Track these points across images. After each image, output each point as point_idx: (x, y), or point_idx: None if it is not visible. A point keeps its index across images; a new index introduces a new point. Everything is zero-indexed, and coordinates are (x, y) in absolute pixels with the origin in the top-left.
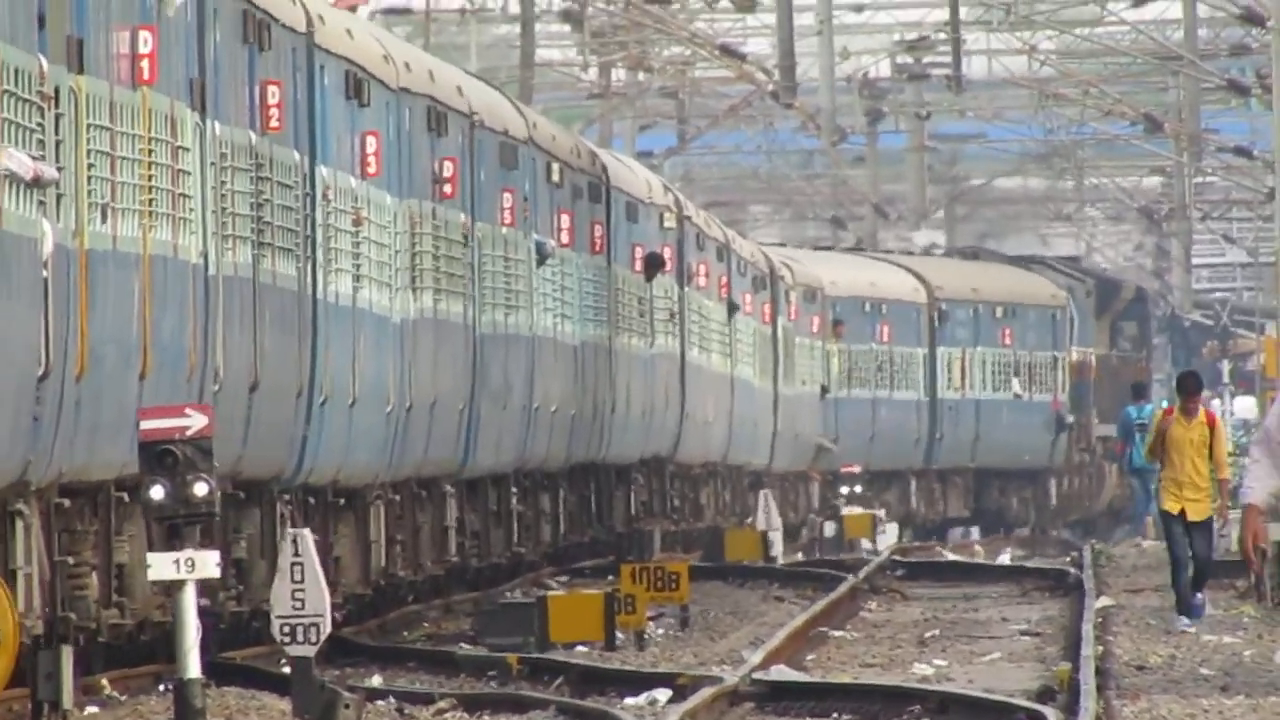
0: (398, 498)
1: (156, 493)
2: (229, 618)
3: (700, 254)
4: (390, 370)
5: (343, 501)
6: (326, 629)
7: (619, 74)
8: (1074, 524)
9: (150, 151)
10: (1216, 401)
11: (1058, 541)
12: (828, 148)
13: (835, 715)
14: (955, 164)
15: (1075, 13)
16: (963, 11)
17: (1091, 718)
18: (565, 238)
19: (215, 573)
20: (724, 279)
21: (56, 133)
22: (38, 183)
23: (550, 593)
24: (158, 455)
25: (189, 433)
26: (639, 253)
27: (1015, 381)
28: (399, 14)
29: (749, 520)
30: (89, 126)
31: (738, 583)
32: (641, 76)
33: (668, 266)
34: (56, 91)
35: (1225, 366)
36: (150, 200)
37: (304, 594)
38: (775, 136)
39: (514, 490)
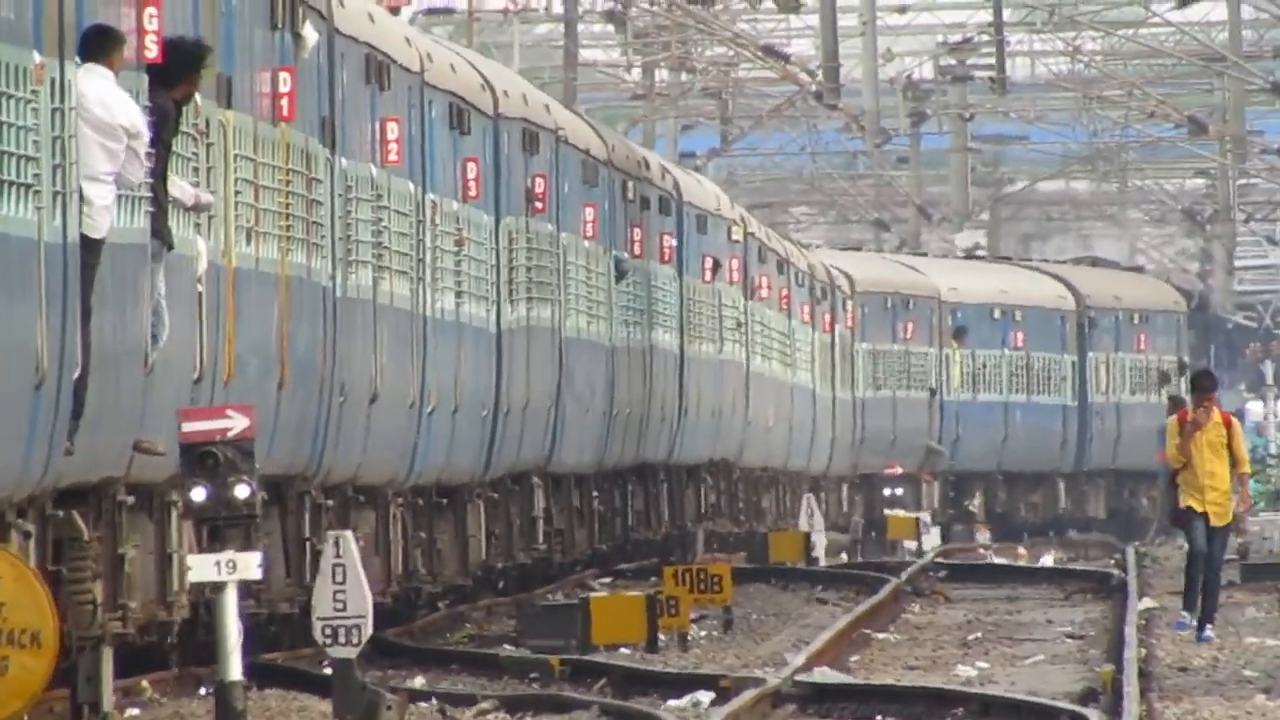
0: (495, 495)
1: (198, 495)
2: None
3: (762, 266)
4: (488, 378)
5: (444, 500)
6: (368, 630)
7: (662, 75)
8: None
9: (288, 182)
10: (1259, 403)
11: (1100, 544)
12: (871, 149)
13: (878, 718)
14: (998, 166)
15: (1119, 14)
16: (1006, 13)
17: None
18: (638, 249)
19: (257, 574)
20: (784, 290)
21: (208, 161)
22: (197, 208)
23: (592, 594)
24: (199, 457)
25: (230, 434)
26: (708, 263)
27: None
28: (442, 14)
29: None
30: (236, 157)
31: (780, 585)
32: (684, 77)
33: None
34: (208, 123)
35: (1269, 368)
36: (288, 226)
37: (345, 595)
38: (818, 138)
39: (595, 492)
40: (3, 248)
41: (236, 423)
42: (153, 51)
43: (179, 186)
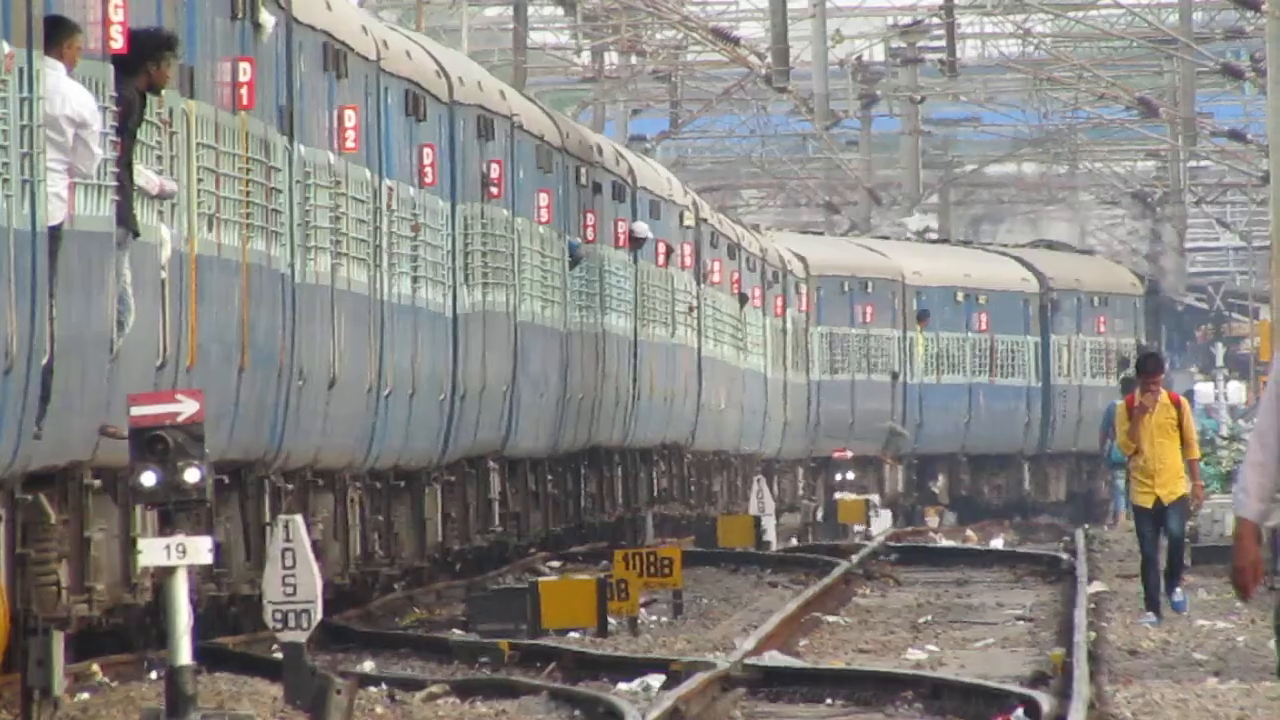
0: (452, 478)
1: (147, 479)
2: None
3: (714, 251)
4: (445, 362)
5: (403, 483)
6: (318, 615)
7: (612, 58)
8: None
9: (248, 170)
10: (1210, 385)
11: (1050, 526)
12: (821, 132)
13: (828, 701)
14: (949, 149)
15: None
16: None
17: (1084, 703)
18: (591, 234)
19: (207, 559)
20: (736, 275)
21: (171, 149)
22: (161, 195)
23: (542, 578)
24: (148, 441)
25: (180, 419)
26: (661, 248)
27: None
28: None
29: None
30: (198, 145)
31: (730, 568)
32: (634, 60)
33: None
34: (171, 113)
35: (1219, 350)
36: (248, 214)
37: (295, 579)
38: (768, 120)
39: (549, 476)
40: None
41: (186, 407)
42: (118, 42)
43: (143, 175)
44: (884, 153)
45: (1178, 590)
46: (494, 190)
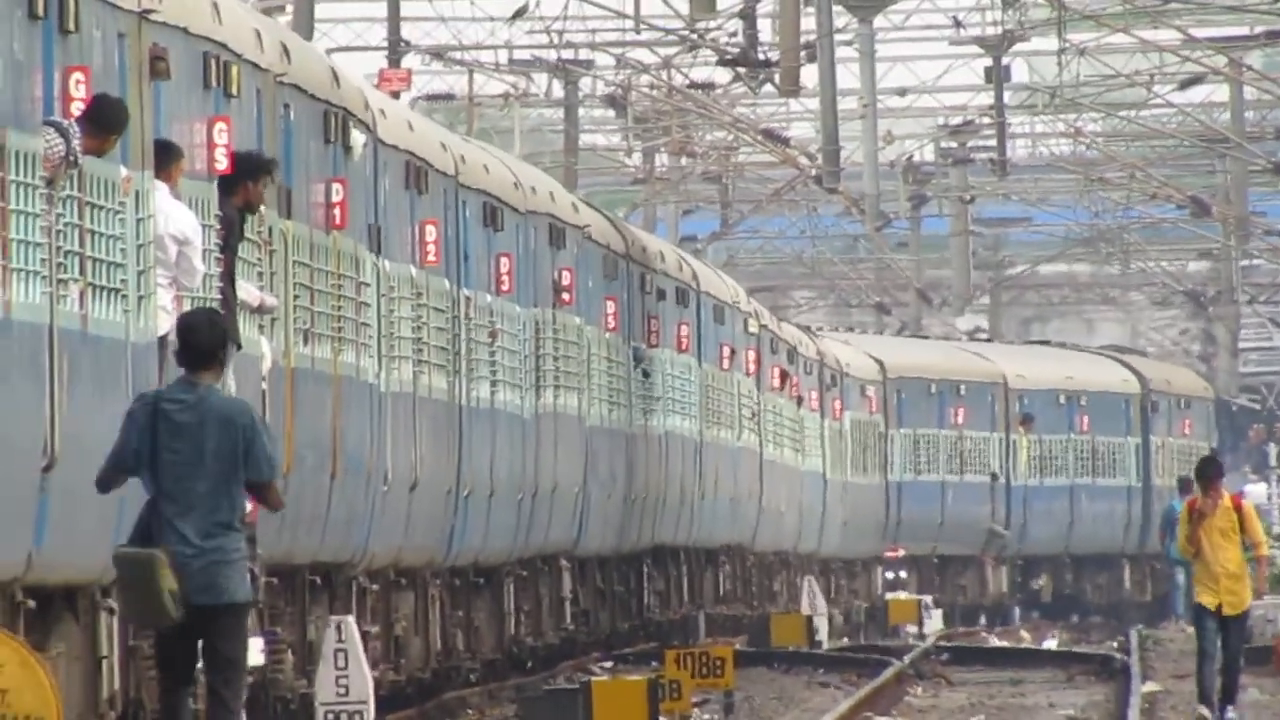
0: (525, 573)
1: None
2: (388, 686)
3: (774, 357)
4: (520, 462)
5: (482, 580)
6: (370, 716)
7: (662, 159)
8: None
9: (339, 286)
10: (1263, 486)
11: (1104, 626)
12: (871, 232)
13: None
14: (999, 249)
15: (1121, 95)
16: (1007, 95)
17: None
18: (654, 339)
19: (258, 659)
20: (795, 379)
21: (271, 267)
22: (262, 309)
23: (594, 678)
24: None
25: None
26: (725, 351)
27: None
28: (442, 99)
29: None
30: (294, 263)
31: (783, 668)
32: (685, 161)
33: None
34: (270, 232)
35: (1273, 450)
36: (339, 328)
37: (348, 680)
38: (819, 221)
39: (615, 574)
40: (95, 348)
41: None
42: (222, 164)
43: (245, 289)
44: (935, 253)
45: (1230, 710)
46: (565, 297)
